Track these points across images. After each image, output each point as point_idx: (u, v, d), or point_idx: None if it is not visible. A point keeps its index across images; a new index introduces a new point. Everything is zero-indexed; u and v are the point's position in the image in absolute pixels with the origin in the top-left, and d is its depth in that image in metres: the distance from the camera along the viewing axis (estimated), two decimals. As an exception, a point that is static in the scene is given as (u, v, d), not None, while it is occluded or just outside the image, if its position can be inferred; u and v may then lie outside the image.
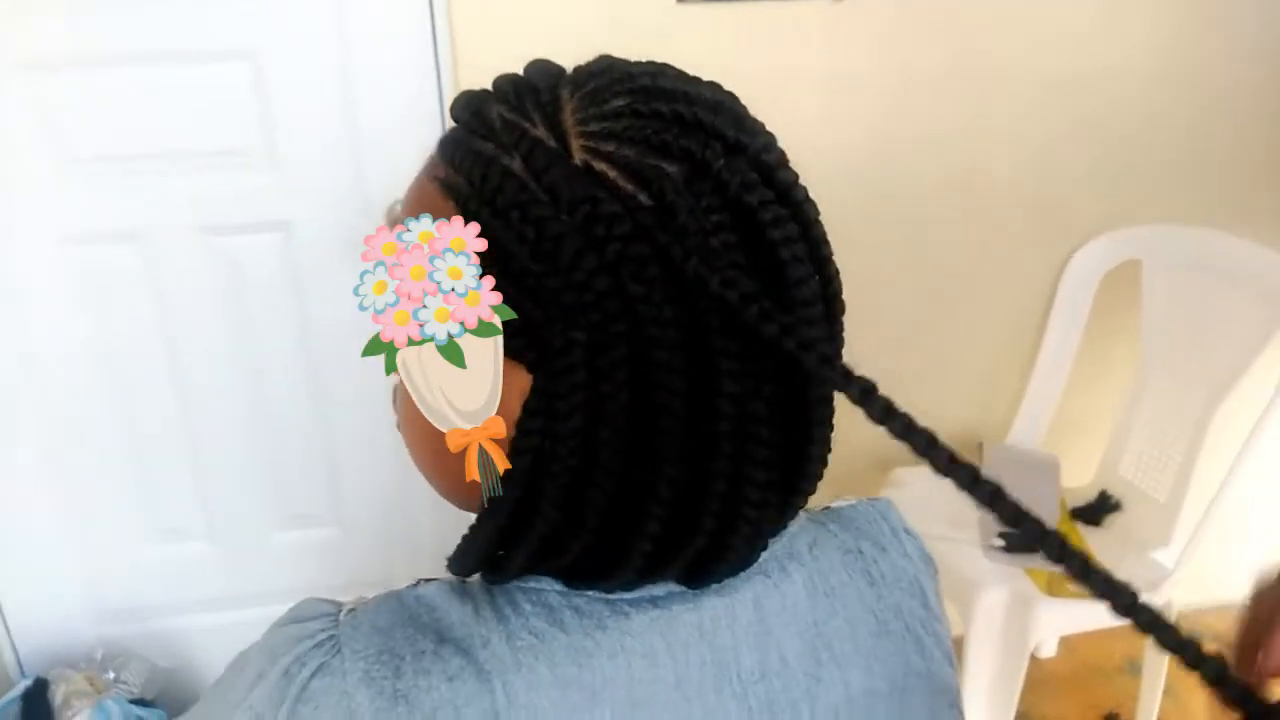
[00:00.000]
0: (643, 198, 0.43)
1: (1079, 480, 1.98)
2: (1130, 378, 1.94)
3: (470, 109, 0.48)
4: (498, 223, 0.44)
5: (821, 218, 0.49)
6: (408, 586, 0.51)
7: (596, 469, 0.44)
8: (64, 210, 1.67)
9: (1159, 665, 1.83)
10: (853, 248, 0.87)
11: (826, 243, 0.49)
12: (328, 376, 1.83)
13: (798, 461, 0.49)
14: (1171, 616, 1.75)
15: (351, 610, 0.50)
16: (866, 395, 0.41)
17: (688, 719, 0.50)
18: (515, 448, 0.45)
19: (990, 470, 1.87)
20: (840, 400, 0.45)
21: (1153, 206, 1.93)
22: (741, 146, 0.46)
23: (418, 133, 1.64)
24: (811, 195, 0.49)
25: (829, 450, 0.50)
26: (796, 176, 0.48)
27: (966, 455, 0.39)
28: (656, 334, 0.43)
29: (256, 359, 1.81)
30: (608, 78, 0.48)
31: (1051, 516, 1.82)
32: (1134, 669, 2.03)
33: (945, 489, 0.39)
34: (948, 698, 0.59)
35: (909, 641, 0.56)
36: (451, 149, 0.47)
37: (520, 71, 0.51)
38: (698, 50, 1.68)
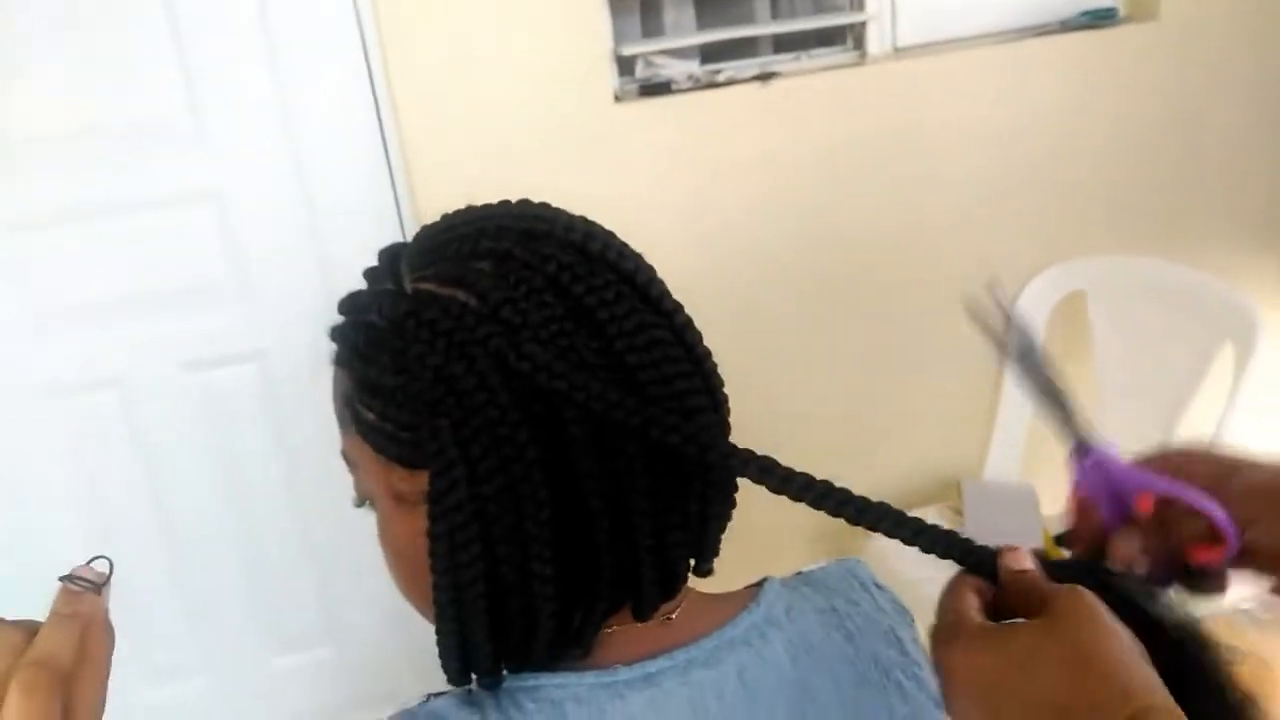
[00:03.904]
0: (461, 295, 0.50)
1: (1059, 506, 2.00)
2: (1090, 403, 1.99)
3: (345, 302, 0.56)
4: (367, 367, 0.52)
5: (655, 271, 0.55)
6: (419, 703, 0.54)
7: (500, 545, 0.49)
8: (44, 362, 1.70)
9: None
10: (808, 316, 0.90)
11: (658, 288, 0.55)
12: (312, 497, 1.84)
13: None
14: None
15: None
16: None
17: None
18: (430, 547, 0.50)
19: (971, 506, 1.88)
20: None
21: (1088, 240, 2.02)
22: (541, 233, 0.53)
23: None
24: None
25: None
26: (605, 244, 0.54)
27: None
28: (499, 410, 0.48)
29: (241, 488, 1.82)
30: (430, 229, 0.56)
31: (1035, 543, 1.85)
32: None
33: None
34: None
35: (890, 688, 0.60)
36: (332, 336, 0.56)
37: None
38: (636, 146, 1.76)
